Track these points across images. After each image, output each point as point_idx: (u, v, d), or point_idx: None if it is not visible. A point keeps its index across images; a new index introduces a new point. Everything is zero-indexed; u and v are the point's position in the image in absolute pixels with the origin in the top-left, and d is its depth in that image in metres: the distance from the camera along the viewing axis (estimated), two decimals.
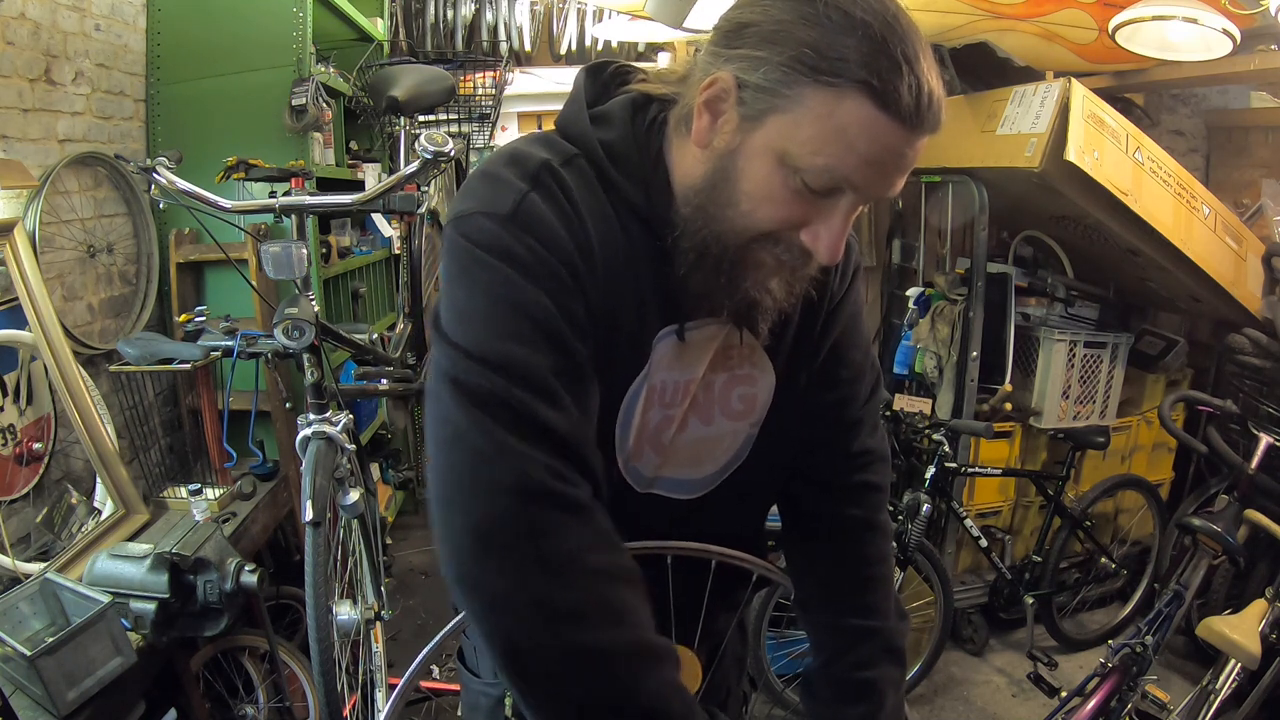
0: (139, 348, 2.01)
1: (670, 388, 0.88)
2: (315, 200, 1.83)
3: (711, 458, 0.94)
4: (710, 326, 0.87)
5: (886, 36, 0.67)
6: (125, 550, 1.67)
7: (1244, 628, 1.93)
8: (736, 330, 0.88)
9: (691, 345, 0.86)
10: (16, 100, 1.94)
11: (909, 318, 2.98)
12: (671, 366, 0.87)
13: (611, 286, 0.80)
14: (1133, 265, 2.75)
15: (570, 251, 0.76)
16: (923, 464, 2.60)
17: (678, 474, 0.93)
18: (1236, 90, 3.37)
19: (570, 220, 0.77)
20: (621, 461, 0.89)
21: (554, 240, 0.75)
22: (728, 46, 0.73)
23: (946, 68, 2.79)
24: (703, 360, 0.88)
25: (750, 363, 0.91)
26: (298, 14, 2.52)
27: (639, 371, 0.85)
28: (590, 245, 0.78)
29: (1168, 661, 2.68)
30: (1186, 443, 2.42)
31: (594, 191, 0.80)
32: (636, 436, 0.88)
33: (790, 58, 0.68)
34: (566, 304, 0.74)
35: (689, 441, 0.91)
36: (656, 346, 0.85)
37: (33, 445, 1.92)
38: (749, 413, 0.93)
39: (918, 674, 2.65)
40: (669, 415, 0.89)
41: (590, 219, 0.79)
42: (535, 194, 0.76)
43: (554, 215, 0.76)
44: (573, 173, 0.80)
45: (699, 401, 0.90)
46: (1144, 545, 3.10)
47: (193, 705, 1.84)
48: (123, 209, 2.36)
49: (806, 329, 0.94)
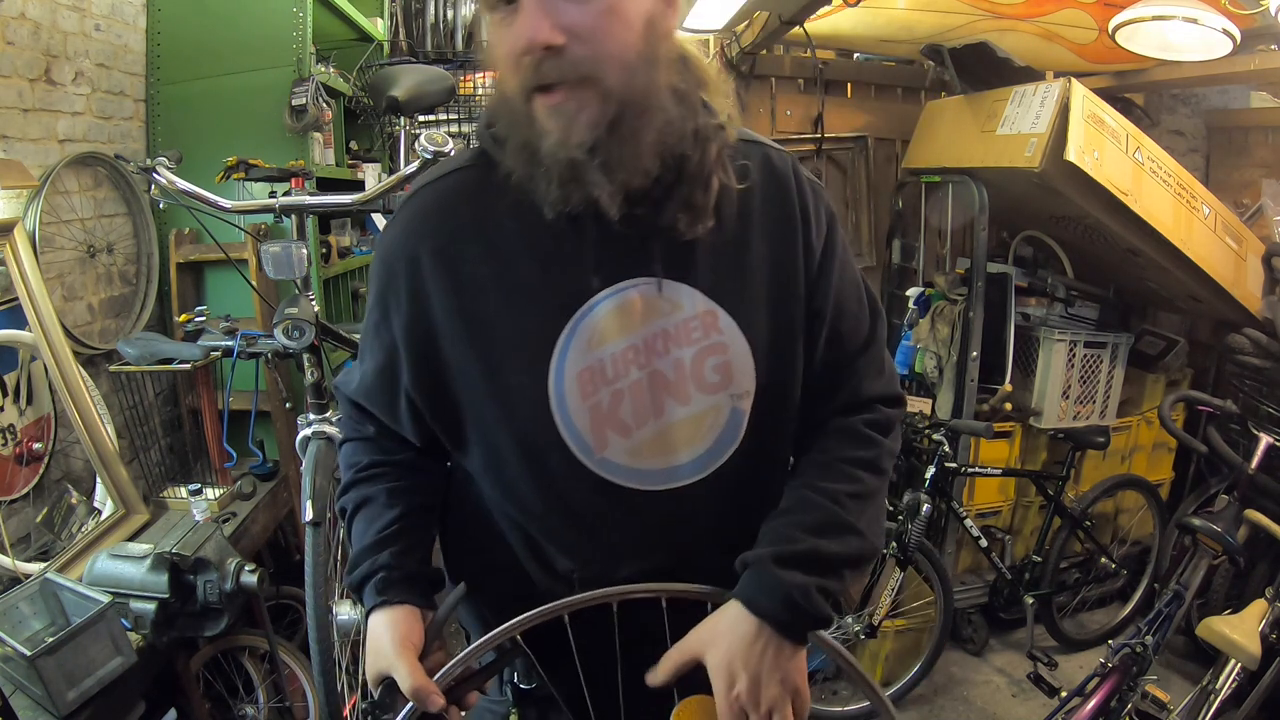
0: (139, 348, 2.01)
1: (608, 362, 0.86)
2: (315, 200, 1.83)
3: (698, 437, 0.89)
4: (632, 289, 0.85)
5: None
6: (125, 550, 1.67)
7: (1244, 628, 1.93)
8: (654, 281, 0.85)
9: (615, 311, 0.85)
10: (16, 100, 1.94)
11: (909, 318, 2.97)
12: (601, 340, 0.85)
13: (485, 284, 0.85)
14: (1133, 265, 2.75)
15: (394, 263, 0.88)
16: (923, 464, 2.60)
17: (664, 461, 0.89)
18: (1236, 90, 3.37)
19: (411, 232, 0.88)
20: (588, 458, 0.87)
21: (390, 253, 0.89)
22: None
23: (946, 67, 2.79)
24: (636, 323, 0.86)
25: (717, 330, 0.88)
26: (298, 14, 2.51)
27: (547, 358, 0.85)
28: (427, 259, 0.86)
29: (1168, 661, 2.68)
30: (1186, 443, 2.42)
31: (476, 194, 0.87)
32: (592, 424, 0.86)
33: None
34: (385, 315, 0.90)
35: (669, 425, 0.88)
36: (576, 328, 0.85)
37: (33, 445, 1.93)
38: (727, 382, 0.88)
39: (917, 674, 2.65)
40: (618, 391, 0.86)
41: (452, 230, 0.86)
42: (397, 219, 0.90)
43: (399, 235, 0.89)
44: (447, 185, 0.89)
45: (671, 382, 0.87)
46: (1144, 545, 3.10)
47: (193, 705, 1.84)
48: (123, 209, 2.36)
49: (781, 287, 0.90)
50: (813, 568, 0.83)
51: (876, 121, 3.17)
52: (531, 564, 0.95)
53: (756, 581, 0.84)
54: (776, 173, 0.91)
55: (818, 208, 0.93)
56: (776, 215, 0.90)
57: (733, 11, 2.39)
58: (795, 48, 3.03)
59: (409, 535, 0.92)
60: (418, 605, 0.89)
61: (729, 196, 0.86)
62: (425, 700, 0.79)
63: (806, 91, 3.05)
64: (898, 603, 2.56)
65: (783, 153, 0.94)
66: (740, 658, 0.81)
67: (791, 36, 2.78)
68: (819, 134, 3.02)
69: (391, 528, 0.91)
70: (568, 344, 0.85)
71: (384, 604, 0.88)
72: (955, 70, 2.76)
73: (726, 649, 0.82)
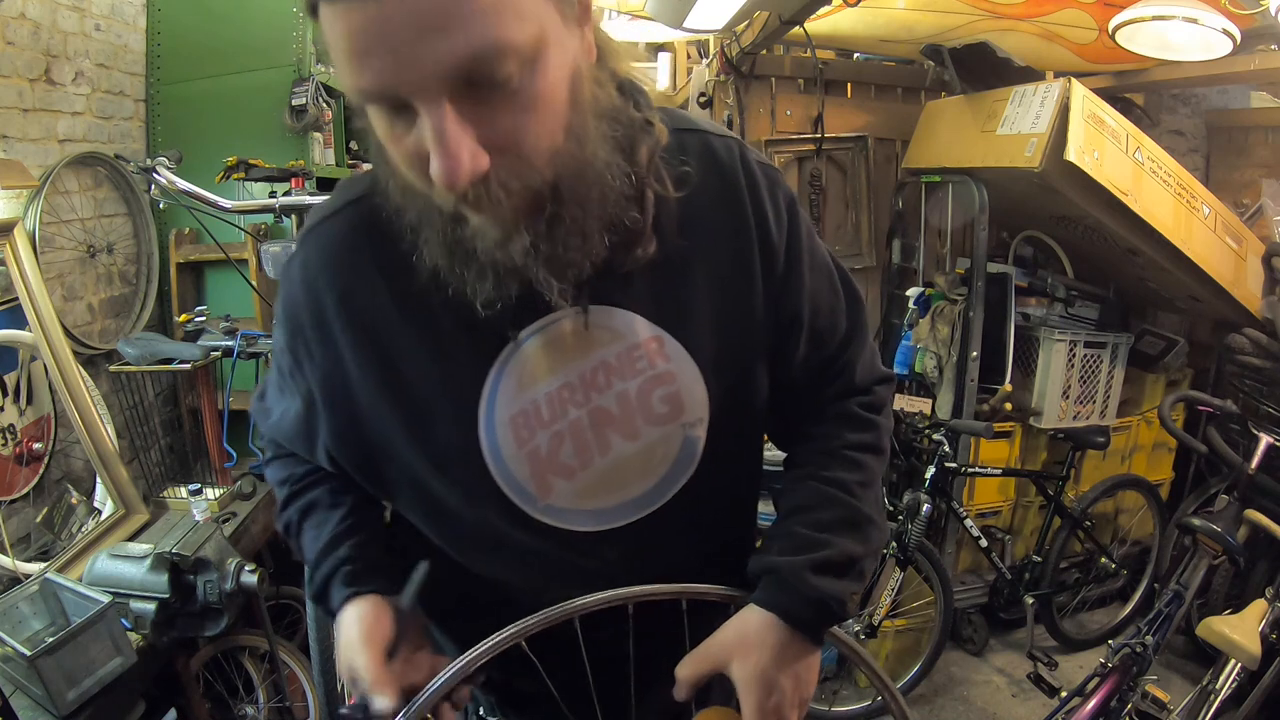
0: (139, 348, 2.01)
1: (542, 403, 0.78)
2: (315, 200, 1.83)
3: (647, 471, 0.82)
4: (561, 322, 0.76)
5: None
6: (125, 550, 1.67)
7: (1244, 628, 1.93)
8: (578, 310, 0.76)
9: (545, 348, 0.77)
10: (16, 100, 1.94)
11: (909, 318, 2.97)
12: (533, 381, 0.78)
13: (397, 332, 0.77)
14: (1133, 265, 2.75)
15: (298, 314, 0.80)
16: (923, 464, 2.60)
17: (616, 499, 0.82)
18: (1236, 90, 3.37)
19: (310, 280, 0.79)
20: (532, 507, 0.80)
21: (292, 303, 0.80)
22: None
23: (946, 67, 2.79)
24: (570, 359, 0.78)
25: (663, 358, 0.79)
26: (297, 14, 2.52)
27: (474, 407, 0.77)
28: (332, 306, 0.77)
29: (1168, 661, 2.68)
30: (1186, 443, 2.42)
31: (379, 229, 0.74)
32: (533, 471, 0.79)
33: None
34: (297, 364, 0.82)
35: (615, 463, 0.81)
36: (503, 372, 0.77)
37: (33, 445, 1.93)
38: (677, 413, 0.81)
39: (918, 674, 2.65)
40: (557, 433, 0.79)
41: (356, 273, 0.77)
42: (297, 255, 0.81)
43: (298, 280, 0.80)
44: (347, 220, 0.78)
45: (615, 417, 0.79)
46: (1144, 545, 3.10)
47: (193, 705, 1.84)
48: (123, 209, 2.36)
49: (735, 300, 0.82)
50: (845, 571, 0.81)
51: (876, 121, 3.17)
52: (487, 603, 0.86)
53: (790, 589, 0.79)
54: (722, 166, 0.81)
55: (774, 199, 0.82)
56: (725, 218, 0.80)
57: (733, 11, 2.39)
58: (795, 48, 3.03)
59: (363, 529, 0.88)
60: (386, 594, 0.83)
61: (667, 209, 0.75)
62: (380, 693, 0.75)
63: (806, 91, 3.05)
64: (898, 603, 2.56)
65: (727, 138, 0.83)
66: (774, 667, 0.78)
67: (791, 36, 2.78)
68: (819, 134, 3.02)
69: (345, 523, 0.87)
70: (495, 390, 0.77)
71: (352, 596, 0.82)
72: (955, 70, 2.76)
73: (759, 660, 0.78)
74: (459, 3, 0.54)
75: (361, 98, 0.59)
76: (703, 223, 0.79)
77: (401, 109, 0.59)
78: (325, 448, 0.84)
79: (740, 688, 0.78)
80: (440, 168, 0.58)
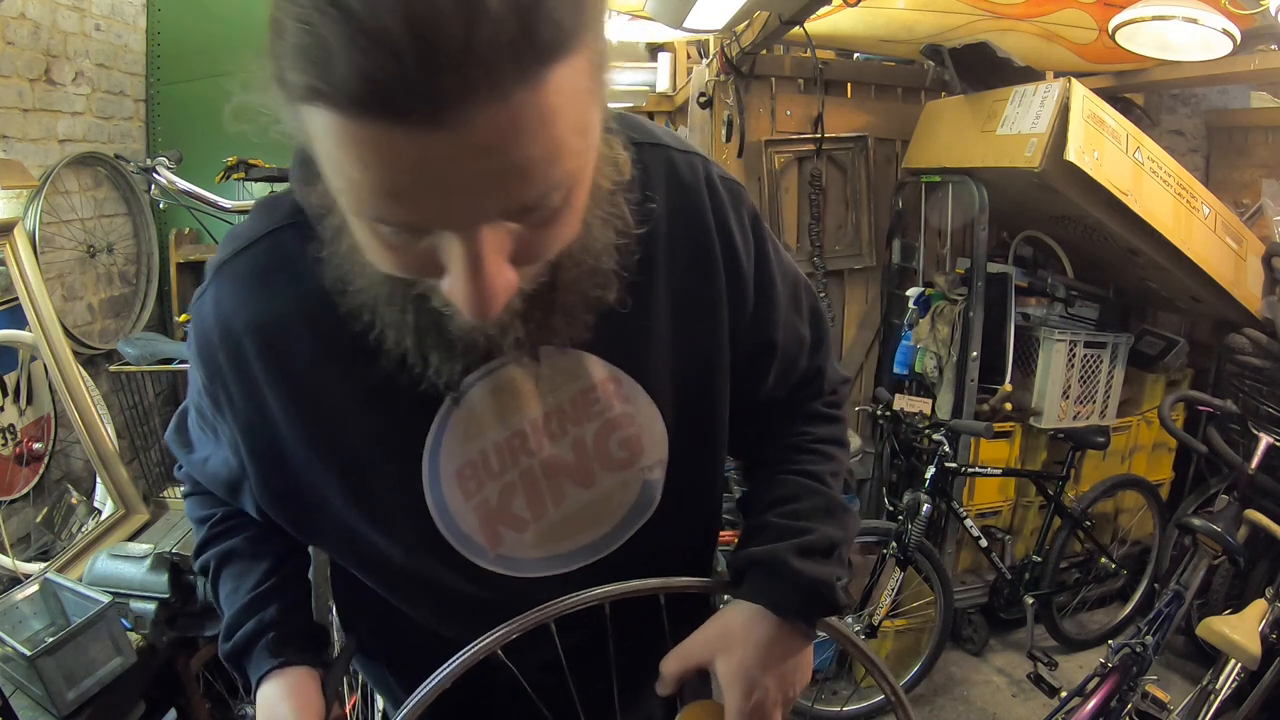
0: (139, 348, 2.01)
1: (491, 453, 0.73)
2: None
3: (604, 517, 0.78)
4: (509, 366, 0.70)
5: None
6: (125, 550, 1.67)
7: (1244, 628, 1.93)
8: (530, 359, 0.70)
9: (491, 395, 0.71)
10: (16, 100, 1.94)
11: (909, 318, 2.97)
12: (479, 431, 0.72)
13: (327, 381, 0.69)
14: (1133, 265, 2.75)
15: (214, 356, 0.70)
16: (923, 464, 2.60)
17: (564, 546, 0.78)
18: (1236, 90, 3.37)
19: (225, 320, 0.69)
20: (483, 560, 0.76)
21: (206, 343, 0.71)
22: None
23: (946, 67, 2.79)
24: (520, 405, 0.72)
25: (621, 399, 0.75)
26: None
27: (416, 460, 0.72)
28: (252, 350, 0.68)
29: (1168, 661, 2.68)
30: (1186, 443, 2.42)
31: (300, 266, 0.65)
32: (482, 524, 0.74)
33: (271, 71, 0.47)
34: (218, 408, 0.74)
35: (570, 512, 0.77)
36: (446, 422, 0.71)
37: (33, 445, 1.93)
38: (635, 457, 0.77)
39: (918, 674, 2.65)
40: (508, 483, 0.74)
41: (277, 314, 0.68)
42: (210, 289, 0.71)
43: (212, 318, 0.70)
44: (263, 252, 0.69)
45: (570, 464, 0.75)
46: (1144, 545, 3.10)
47: (193, 705, 1.84)
48: (123, 209, 2.36)
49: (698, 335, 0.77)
50: (829, 555, 0.78)
51: (876, 121, 3.17)
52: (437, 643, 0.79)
53: (775, 577, 0.76)
54: (685, 188, 0.74)
55: (740, 222, 0.78)
56: (687, 245, 0.75)
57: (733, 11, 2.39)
58: (795, 48, 3.03)
59: (288, 588, 0.82)
60: (314, 666, 0.78)
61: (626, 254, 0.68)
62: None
63: (806, 91, 3.05)
64: (898, 603, 2.56)
65: (690, 154, 0.77)
66: (759, 664, 0.75)
67: (791, 36, 2.78)
68: (819, 134, 3.02)
69: (268, 581, 0.81)
70: (439, 441, 0.71)
71: (279, 666, 0.76)
72: (955, 70, 2.76)
73: (743, 656, 0.75)
74: (537, 145, 0.45)
75: (380, 225, 0.49)
76: (663, 253, 0.73)
77: (418, 229, 0.50)
78: (254, 500, 0.77)
79: (723, 684, 0.76)
80: (471, 298, 0.50)
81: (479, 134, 0.43)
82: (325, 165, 0.48)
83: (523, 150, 0.45)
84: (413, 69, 0.40)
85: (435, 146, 0.43)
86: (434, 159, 0.44)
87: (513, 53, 0.41)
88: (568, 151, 0.48)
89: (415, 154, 0.43)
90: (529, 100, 0.43)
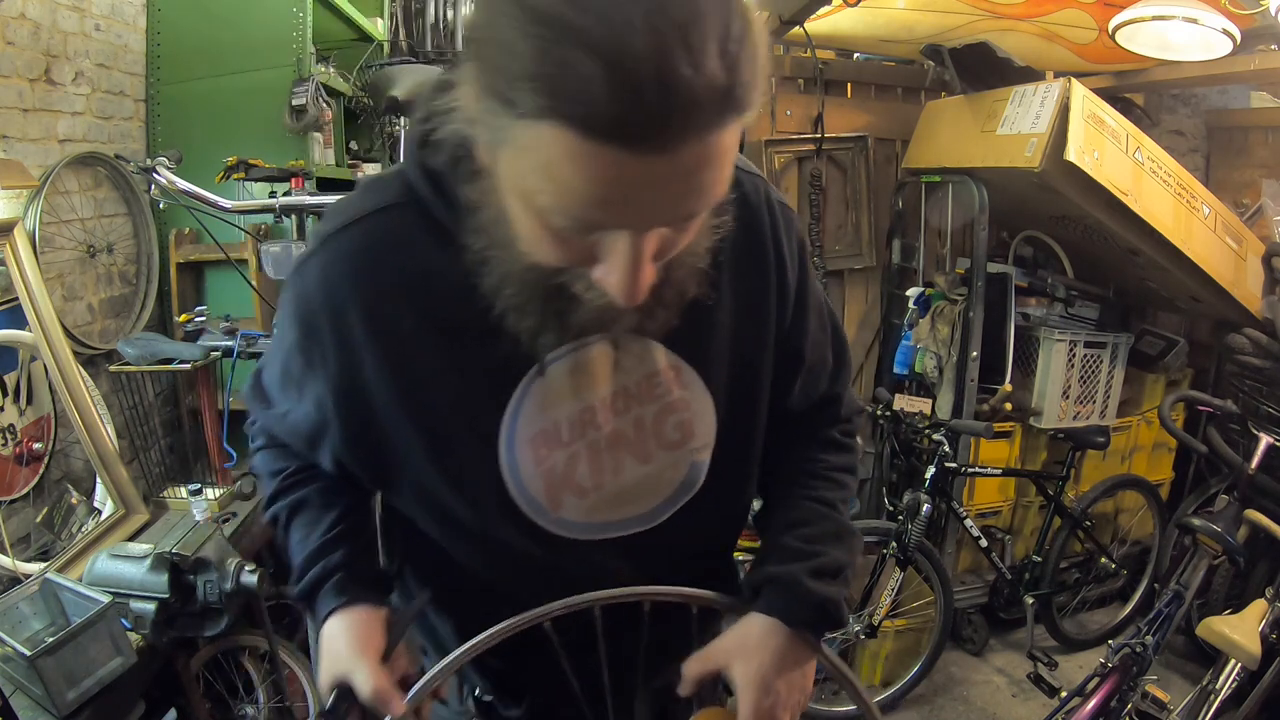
0: (139, 348, 2.01)
1: (566, 424, 0.80)
2: (315, 200, 1.84)
3: (654, 492, 0.86)
4: (590, 347, 0.78)
5: (573, 28, 0.49)
6: (125, 550, 1.67)
7: (1244, 628, 1.93)
8: (610, 344, 0.78)
9: (571, 372, 0.79)
10: (16, 100, 1.94)
11: (909, 318, 2.97)
12: (556, 402, 0.79)
13: (423, 349, 0.76)
14: (1133, 265, 2.75)
15: (314, 319, 0.77)
16: (923, 464, 2.60)
17: (618, 514, 0.86)
18: (1236, 90, 3.38)
19: (331, 287, 0.76)
20: (543, 519, 0.83)
21: (308, 305, 0.78)
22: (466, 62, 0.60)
23: (946, 67, 2.79)
24: (594, 383, 0.80)
25: (680, 385, 0.83)
26: (298, 14, 2.51)
27: (496, 426, 0.79)
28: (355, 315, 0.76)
29: (1168, 661, 2.68)
30: (1186, 443, 2.42)
31: (408, 242, 0.75)
32: (547, 488, 0.82)
33: (485, 86, 0.55)
34: (309, 365, 0.80)
35: (626, 484, 0.84)
36: (527, 393, 0.79)
37: (33, 445, 1.93)
38: (687, 439, 0.85)
39: (917, 674, 2.65)
40: (574, 453, 0.82)
41: (383, 284, 0.75)
42: (316, 256, 0.78)
43: (318, 282, 0.77)
44: (375, 227, 0.76)
45: (630, 440, 0.83)
46: (1144, 545, 3.10)
47: (193, 705, 1.84)
48: (123, 209, 2.36)
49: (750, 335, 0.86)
50: (837, 577, 0.87)
51: (876, 121, 3.17)
52: (484, 593, 0.89)
53: (790, 595, 0.85)
54: (749, 204, 0.83)
55: (790, 241, 0.87)
56: (749, 259, 0.84)
57: None
58: (795, 48, 3.03)
59: (356, 535, 0.89)
60: (376, 606, 0.84)
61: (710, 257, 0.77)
62: (387, 704, 0.75)
63: (806, 91, 3.05)
64: (898, 603, 2.56)
65: (755, 176, 0.86)
66: (774, 670, 0.83)
67: (791, 36, 2.78)
68: (819, 134, 3.03)
69: (337, 528, 0.87)
70: (518, 410, 0.79)
71: (342, 606, 0.83)
72: (955, 70, 2.76)
73: (760, 663, 0.83)
74: (714, 173, 0.57)
75: (565, 218, 0.57)
76: (728, 260, 0.81)
77: (594, 228, 0.59)
78: (333, 453, 0.84)
79: (739, 688, 0.82)
80: (626, 287, 0.61)
81: (684, 161, 0.54)
82: (536, 172, 0.55)
83: (708, 176, 0.57)
84: (655, 109, 0.50)
85: (654, 168, 0.53)
86: (650, 178, 0.54)
87: (720, 105, 0.53)
88: (726, 178, 0.60)
89: (637, 173, 0.53)
90: (719, 140, 0.55)
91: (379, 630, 0.82)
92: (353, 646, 0.79)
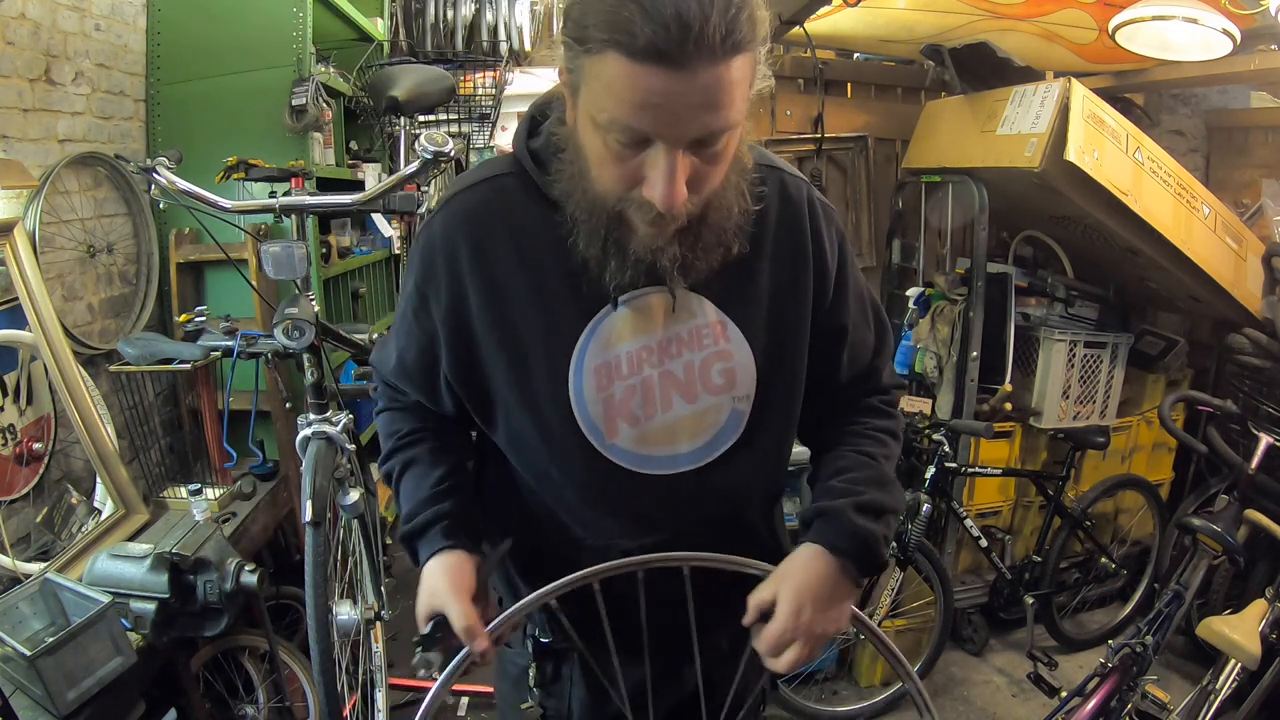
0: (139, 348, 2.01)
1: (626, 359, 0.95)
2: (315, 200, 1.83)
3: (700, 431, 0.98)
4: (650, 295, 0.94)
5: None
6: (125, 550, 1.67)
7: (1244, 628, 1.93)
8: (668, 290, 0.93)
9: (633, 314, 0.94)
10: (16, 100, 1.94)
11: (909, 318, 2.97)
12: (618, 340, 0.95)
13: (515, 287, 0.94)
14: (1133, 265, 2.75)
15: (433, 258, 0.96)
16: (923, 464, 2.60)
17: (668, 450, 0.98)
18: (1236, 90, 3.38)
19: (451, 232, 0.96)
20: (599, 443, 0.96)
21: (430, 248, 0.97)
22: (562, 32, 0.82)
23: (946, 67, 2.79)
24: (652, 327, 0.95)
25: (725, 339, 0.97)
26: (298, 14, 2.52)
27: (567, 355, 0.94)
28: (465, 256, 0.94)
29: (1168, 661, 2.68)
30: (1186, 443, 2.42)
31: (513, 201, 0.95)
32: (605, 413, 0.95)
33: (571, 36, 0.78)
34: (424, 303, 0.99)
35: (672, 420, 0.97)
36: (596, 328, 0.94)
37: (33, 445, 1.93)
38: (730, 386, 0.98)
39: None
40: (631, 385, 0.95)
41: (489, 233, 0.95)
42: (441, 212, 0.98)
43: (440, 231, 0.97)
44: (488, 189, 0.97)
45: (680, 380, 0.96)
46: (1144, 545, 3.10)
47: (193, 705, 1.84)
48: (123, 209, 2.36)
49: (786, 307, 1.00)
50: (879, 515, 0.97)
51: (876, 121, 3.17)
52: (550, 530, 1.03)
53: (835, 526, 0.95)
54: (791, 202, 1.00)
55: (830, 233, 1.02)
56: (789, 244, 0.99)
57: None
58: (795, 48, 3.03)
59: (461, 490, 1.03)
60: (470, 553, 0.97)
61: (745, 220, 0.93)
62: (474, 639, 0.88)
63: (806, 91, 3.05)
64: (898, 603, 2.56)
65: (798, 179, 1.02)
66: (810, 593, 0.92)
67: (791, 36, 2.78)
68: (819, 134, 3.02)
69: (445, 482, 1.01)
70: (587, 343, 0.94)
71: (444, 549, 0.96)
72: (955, 70, 2.76)
73: (801, 582, 0.93)
74: (725, 96, 0.76)
75: (620, 130, 0.78)
76: (770, 241, 0.98)
77: (641, 143, 0.79)
78: (445, 377, 1.00)
79: (778, 601, 0.92)
80: (663, 194, 0.79)
81: (701, 81, 0.74)
82: (601, 92, 0.77)
83: (719, 96, 0.76)
84: (677, 41, 0.71)
85: (680, 83, 0.74)
86: (677, 90, 0.74)
87: (722, 42, 0.73)
88: (736, 108, 0.78)
89: (667, 85, 0.74)
90: (726, 69, 0.75)
91: (471, 573, 0.95)
92: (450, 585, 0.92)
